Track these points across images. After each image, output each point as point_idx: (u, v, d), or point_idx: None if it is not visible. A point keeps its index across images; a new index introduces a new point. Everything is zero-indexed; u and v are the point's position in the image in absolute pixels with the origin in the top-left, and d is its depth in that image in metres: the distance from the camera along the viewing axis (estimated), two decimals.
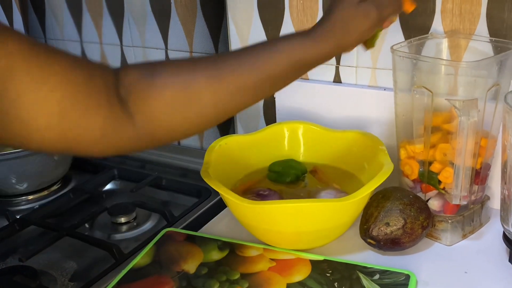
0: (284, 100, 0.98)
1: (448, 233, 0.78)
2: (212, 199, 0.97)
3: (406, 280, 0.70)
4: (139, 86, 0.57)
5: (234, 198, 0.72)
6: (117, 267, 0.80)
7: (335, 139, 0.88)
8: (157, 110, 0.57)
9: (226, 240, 0.80)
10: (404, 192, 0.77)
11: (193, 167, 1.09)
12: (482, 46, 0.79)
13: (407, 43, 0.79)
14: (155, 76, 0.58)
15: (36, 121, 0.50)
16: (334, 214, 0.73)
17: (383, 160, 0.77)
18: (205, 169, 0.78)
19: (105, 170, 1.12)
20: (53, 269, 0.85)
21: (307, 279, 0.71)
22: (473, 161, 0.74)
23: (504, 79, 0.74)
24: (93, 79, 0.54)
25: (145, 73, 0.58)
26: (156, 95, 0.57)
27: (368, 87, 0.91)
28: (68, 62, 0.53)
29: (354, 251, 0.77)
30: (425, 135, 0.77)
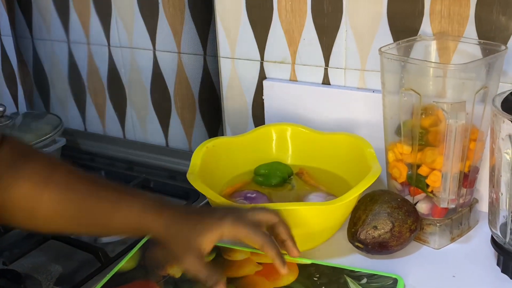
0: (272, 101, 0.97)
1: (436, 237, 0.78)
2: (200, 201, 0.96)
3: (394, 284, 0.69)
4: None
5: (221, 201, 0.71)
6: (103, 270, 0.79)
7: (323, 141, 0.88)
8: None
9: None
10: (392, 195, 0.76)
11: (181, 169, 1.08)
12: (470, 48, 0.79)
13: (395, 45, 0.79)
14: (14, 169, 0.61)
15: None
16: (322, 217, 0.73)
17: (371, 163, 0.77)
18: (191, 171, 0.78)
19: (92, 172, 1.11)
20: (38, 273, 0.83)
21: (294, 283, 0.70)
22: (461, 164, 0.74)
23: (493, 81, 0.74)
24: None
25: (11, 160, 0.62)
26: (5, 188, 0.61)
27: (356, 89, 0.91)
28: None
29: (342, 254, 0.77)
30: (413, 138, 0.76)
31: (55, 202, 0.62)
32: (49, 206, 0.62)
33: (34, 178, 0.62)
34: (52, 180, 0.62)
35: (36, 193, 0.61)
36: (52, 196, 0.62)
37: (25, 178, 0.61)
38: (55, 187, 0.62)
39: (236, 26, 0.96)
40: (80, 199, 0.62)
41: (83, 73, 1.24)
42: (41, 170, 0.63)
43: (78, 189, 0.63)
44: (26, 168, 0.62)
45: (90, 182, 0.64)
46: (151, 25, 1.10)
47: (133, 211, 0.62)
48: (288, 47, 0.93)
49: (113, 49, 1.17)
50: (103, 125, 1.27)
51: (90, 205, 0.62)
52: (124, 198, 0.63)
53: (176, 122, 1.16)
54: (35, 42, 1.28)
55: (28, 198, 0.61)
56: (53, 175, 0.63)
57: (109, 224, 0.63)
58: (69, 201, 0.62)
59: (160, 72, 1.13)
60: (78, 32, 1.20)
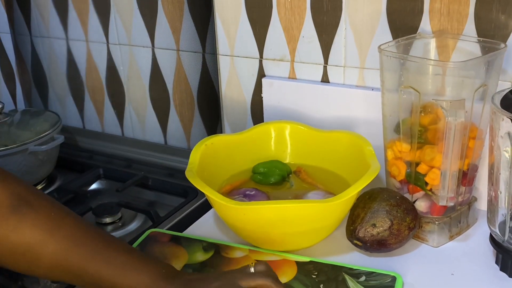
0: (271, 99, 0.97)
1: (435, 235, 0.77)
2: (198, 199, 0.96)
3: (392, 282, 0.69)
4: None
5: (219, 198, 0.71)
6: None
7: (322, 139, 0.88)
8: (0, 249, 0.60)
9: (211, 241, 0.79)
10: (391, 193, 0.76)
11: (179, 167, 1.08)
12: (470, 46, 0.79)
13: (395, 42, 0.79)
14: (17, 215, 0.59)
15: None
16: (321, 215, 0.73)
17: (370, 161, 0.77)
18: (190, 169, 0.77)
19: (90, 169, 1.11)
20: None
21: (293, 280, 0.70)
22: (460, 162, 0.74)
23: (492, 79, 0.74)
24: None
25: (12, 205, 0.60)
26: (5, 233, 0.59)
27: (356, 87, 0.91)
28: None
29: (340, 252, 0.77)
30: (412, 136, 0.76)
31: (60, 255, 0.60)
32: (54, 259, 0.60)
33: (40, 225, 0.60)
34: (59, 232, 0.60)
35: (41, 242, 0.60)
36: (57, 248, 0.60)
37: (29, 225, 0.59)
38: (61, 240, 0.60)
39: (235, 24, 0.96)
40: (87, 257, 0.60)
41: (82, 71, 1.24)
42: (47, 219, 0.61)
43: (85, 245, 0.61)
44: (31, 214, 0.60)
45: (98, 239, 0.62)
46: (150, 23, 1.10)
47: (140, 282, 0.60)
48: (287, 44, 0.93)
49: (111, 46, 1.17)
50: (102, 123, 1.26)
51: (97, 265, 0.60)
52: (132, 265, 0.61)
53: (174, 120, 1.16)
54: (34, 39, 1.28)
55: (32, 245, 0.59)
56: (60, 226, 0.61)
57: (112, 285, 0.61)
58: (75, 256, 0.60)
59: (159, 70, 1.13)
60: (76, 30, 1.20)
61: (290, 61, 0.94)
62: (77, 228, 0.62)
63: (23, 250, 0.59)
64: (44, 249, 0.60)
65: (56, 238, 0.60)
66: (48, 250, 0.60)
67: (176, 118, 1.16)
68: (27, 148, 1.03)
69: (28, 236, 0.59)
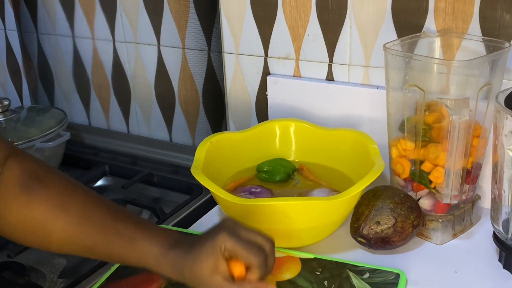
0: (276, 97, 0.98)
1: (439, 232, 0.78)
2: (203, 196, 0.97)
3: (396, 279, 0.69)
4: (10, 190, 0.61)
5: (224, 195, 0.72)
6: (107, 264, 0.79)
7: (327, 137, 0.88)
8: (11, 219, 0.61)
9: None
10: (395, 191, 0.77)
11: (184, 164, 1.08)
12: (474, 45, 0.79)
13: (399, 41, 0.79)
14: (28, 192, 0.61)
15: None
16: (325, 212, 0.73)
17: (374, 159, 0.77)
18: (195, 166, 0.78)
19: (96, 166, 1.12)
20: (42, 266, 0.84)
21: (297, 277, 0.71)
22: (464, 160, 0.74)
23: (496, 78, 0.74)
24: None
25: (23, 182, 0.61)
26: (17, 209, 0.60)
27: (360, 85, 0.91)
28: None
29: (345, 249, 0.77)
30: (417, 134, 0.77)
31: (71, 229, 0.61)
32: (64, 233, 0.61)
33: (50, 201, 0.61)
34: (69, 207, 0.61)
35: (52, 218, 0.61)
36: (68, 223, 0.61)
37: (40, 202, 0.61)
38: (72, 214, 0.61)
39: (240, 22, 0.96)
40: (97, 231, 0.61)
41: (88, 68, 1.24)
42: (57, 195, 0.62)
43: (95, 219, 0.62)
44: (41, 191, 0.61)
45: (108, 212, 0.63)
46: (155, 21, 1.10)
47: (149, 254, 0.61)
48: (292, 43, 0.94)
49: (117, 44, 1.17)
50: (107, 120, 1.27)
51: (107, 238, 0.61)
52: (142, 236, 0.61)
53: (180, 117, 1.17)
54: (40, 36, 1.29)
55: (43, 222, 0.61)
56: (70, 201, 0.62)
57: (123, 259, 0.62)
58: (86, 231, 0.61)
59: (165, 67, 1.14)
60: (83, 27, 1.20)
61: (295, 59, 0.95)
62: (87, 202, 0.63)
63: (34, 226, 0.61)
64: (55, 225, 0.61)
65: (66, 214, 0.61)
66: (59, 225, 0.61)
67: (181, 116, 1.16)
68: (33, 145, 1.03)
69: (39, 213, 0.60)
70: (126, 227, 0.62)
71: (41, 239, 0.62)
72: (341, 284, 0.69)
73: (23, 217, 0.60)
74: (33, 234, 0.61)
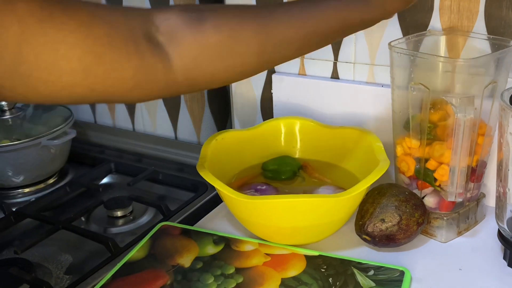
0: (281, 95, 0.98)
1: (443, 230, 0.78)
2: (208, 193, 0.97)
3: (401, 276, 0.70)
4: (182, 31, 0.55)
5: (230, 193, 0.72)
6: (113, 260, 0.80)
7: (332, 135, 0.88)
8: (200, 57, 0.56)
9: (222, 234, 0.80)
10: (400, 189, 0.77)
11: (189, 162, 1.09)
12: (480, 43, 0.79)
13: (405, 39, 0.79)
14: (202, 22, 0.56)
15: (60, 80, 0.49)
16: (330, 210, 0.74)
17: (379, 157, 0.78)
18: (201, 163, 0.78)
19: (102, 163, 1.12)
20: (48, 262, 0.85)
21: (302, 274, 0.71)
22: (469, 158, 0.74)
23: (501, 76, 0.74)
24: (116, 30, 0.52)
25: (191, 18, 0.56)
26: (202, 41, 0.56)
27: (365, 83, 0.91)
28: (87, 16, 0.50)
29: (349, 247, 0.78)
30: (422, 132, 0.77)
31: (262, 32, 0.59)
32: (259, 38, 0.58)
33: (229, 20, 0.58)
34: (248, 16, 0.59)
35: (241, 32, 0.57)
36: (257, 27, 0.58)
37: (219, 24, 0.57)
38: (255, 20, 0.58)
39: None
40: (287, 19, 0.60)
41: None
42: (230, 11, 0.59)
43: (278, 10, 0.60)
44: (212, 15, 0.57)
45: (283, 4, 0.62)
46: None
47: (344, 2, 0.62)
48: None
49: None
50: (113, 118, 1.28)
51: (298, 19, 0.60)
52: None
53: (185, 115, 1.17)
54: None
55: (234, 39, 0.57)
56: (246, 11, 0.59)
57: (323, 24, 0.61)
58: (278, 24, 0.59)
59: None
60: None
61: (300, 58, 0.95)
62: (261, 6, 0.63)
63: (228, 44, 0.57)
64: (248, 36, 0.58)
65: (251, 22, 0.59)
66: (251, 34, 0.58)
67: (187, 113, 1.17)
68: (39, 142, 1.04)
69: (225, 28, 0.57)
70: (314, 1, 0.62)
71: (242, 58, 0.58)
72: (345, 281, 0.69)
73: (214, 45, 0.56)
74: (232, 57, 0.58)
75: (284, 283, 0.69)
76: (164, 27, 0.55)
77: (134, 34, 0.53)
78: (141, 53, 0.53)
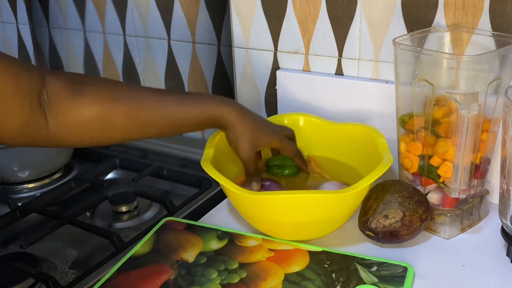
0: (285, 92, 0.98)
1: (447, 227, 0.78)
2: (212, 189, 0.97)
3: (404, 272, 0.70)
4: (62, 100, 0.64)
5: (234, 188, 0.73)
6: (117, 255, 0.80)
7: (336, 132, 0.88)
8: (71, 125, 0.65)
9: (226, 230, 0.80)
10: (403, 185, 0.77)
11: (194, 158, 1.09)
12: (484, 40, 0.79)
13: (409, 36, 0.79)
14: (78, 96, 0.65)
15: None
16: (333, 206, 0.74)
17: (383, 153, 0.78)
18: (205, 159, 0.79)
19: (107, 159, 1.13)
20: (53, 257, 0.85)
21: (305, 269, 0.71)
22: (473, 155, 0.74)
23: (506, 73, 0.74)
24: (20, 85, 0.60)
25: (70, 89, 0.65)
26: (75, 113, 0.65)
27: (370, 79, 0.91)
28: None
29: (353, 243, 0.78)
30: (426, 129, 0.77)
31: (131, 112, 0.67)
32: (126, 118, 0.67)
33: (103, 95, 0.66)
34: (120, 95, 0.67)
35: (111, 108, 0.66)
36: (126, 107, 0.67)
37: (94, 98, 0.65)
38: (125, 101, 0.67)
39: (250, 16, 0.97)
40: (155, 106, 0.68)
41: (99, 62, 1.25)
42: (105, 88, 0.67)
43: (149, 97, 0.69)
44: (90, 90, 0.66)
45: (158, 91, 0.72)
46: (166, 15, 1.11)
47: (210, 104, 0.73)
48: (302, 37, 0.94)
49: (128, 38, 1.18)
50: None
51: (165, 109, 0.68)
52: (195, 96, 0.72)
53: None
54: (52, 30, 1.30)
55: (104, 114, 0.65)
56: (118, 90, 0.68)
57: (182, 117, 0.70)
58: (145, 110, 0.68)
59: (175, 62, 1.14)
60: (94, 21, 1.21)
61: (304, 54, 0.95)
62: (134, 88, 0.70)
63: (98, 120, 0.65)
64: (115, 113, 0.66)
65: (121, 101, 0.67)
66: (119, 112, 0.66)
67: None
68: None
69: (98, 107, 0.65)
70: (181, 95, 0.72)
71: (107, 132, 0.67)
72: (349, 277, 0.70)
73: (85, 118, 0.65)
74: (98, 130, 0.66)
75: (287, 279, 0.70)
76: (50, 90, 0.64)
77: (32, 92, 0.62)
78: (32, 109, 0.61)
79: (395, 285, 0.68)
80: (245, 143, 0.76)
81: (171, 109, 0.70)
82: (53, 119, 0.64)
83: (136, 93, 0.69)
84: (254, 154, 0.78)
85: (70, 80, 0.66)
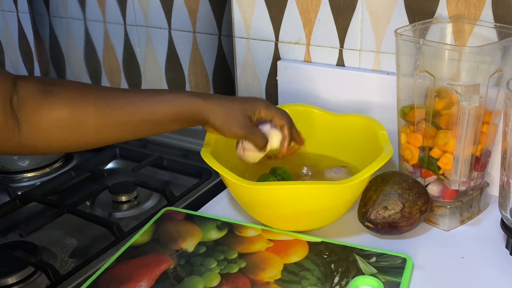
0: (286, 82, 0.98)
1: (446, 219, 0.78)
2: (212, 180, 0.97)
3: (403, 263, 0.70)
4: (32, 101, 0.64)
5: (234, 178, 0.73)
6: (117, 244, 0.80)
7: (337, 123, 0.88)
8: (42, 127, 0.64)
9: (225, 220, 0.80)
10: (403, 177, 0.77)
11: (194, 148, 1.09)
12: (486, 31, 0.79)
13: (411, 27, 0.79)
14: (48, 96, 0.64)
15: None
16: (333, 197, 0.74)
17: (383, 144, 0.78)
18: (205, 149, 0.79)
19: (107, 149, 1.13)
20: (53, 245, 0.85)
21: (304, 260, 0.71)
22: (473, 147, 0.74)
23: (508, 65, 0.74)
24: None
25: (40, 90, 0.64)
26: (45, 114, 0.64)
27: (371, 71, 0.91)
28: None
29: (352, 234, 0.78)
30: (426, 120, 0.77)
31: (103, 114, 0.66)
32: (98, 117, 0.66)
33: (74, 97, 0.65)
34: (91, 96, 0.66)
35: (81, 109, 0.65)
36: (97, 109, 0.66)
37: (64, 100, 0.65)
38: (97, 102, 0.66)
39: (251, 6, 0.96)
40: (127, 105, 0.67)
41: (99, 51, 1.25)
42: (76, 89, 0.67)
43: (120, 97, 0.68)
44: (61, 91, 0.65)
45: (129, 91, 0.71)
46: (166, 4, 1.10)
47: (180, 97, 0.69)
48: (303, 28, 0.94)
49: (129, 27, 1.18)
50: None
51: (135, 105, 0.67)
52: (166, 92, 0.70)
53: None
54: (52, 19, 1.29)
55: (74, 116, 0.65)
56: (90, 92, 0.67)
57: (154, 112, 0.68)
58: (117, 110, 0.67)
59: (175, 51, 1.14)
60: (94, 10, 1.21)
61: (305, 45, 0.95)
62: (104, 89, 0.69)
63: (68, 123, 0.65)
64: (86, 112, 0.65)
65: (91, 101, 0.66)
66: (89, 111, 0.65)
67: None
68: None
69: (68, 109, 0.64)
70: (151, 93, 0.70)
71: (79, 133, 0.66)
72: (348, 268, 0.70)
73: (56, 118, 0.64)
74: (70, 131, 0.65)
75: (286, 269, 0.70)
76: (21, 93, 0.63)
77: (6, 97, 0.61)
78: (6, 114, 0.61)
79: (394, 276, 0.68)
80: (236, 118, 0.72)
81: (140, 105, 0.68)
82: (25, 122, 0.63)
83: (105, 93, 0.68)
84: (250, 123, 0.73)
85: (40, 82, 0.66)
